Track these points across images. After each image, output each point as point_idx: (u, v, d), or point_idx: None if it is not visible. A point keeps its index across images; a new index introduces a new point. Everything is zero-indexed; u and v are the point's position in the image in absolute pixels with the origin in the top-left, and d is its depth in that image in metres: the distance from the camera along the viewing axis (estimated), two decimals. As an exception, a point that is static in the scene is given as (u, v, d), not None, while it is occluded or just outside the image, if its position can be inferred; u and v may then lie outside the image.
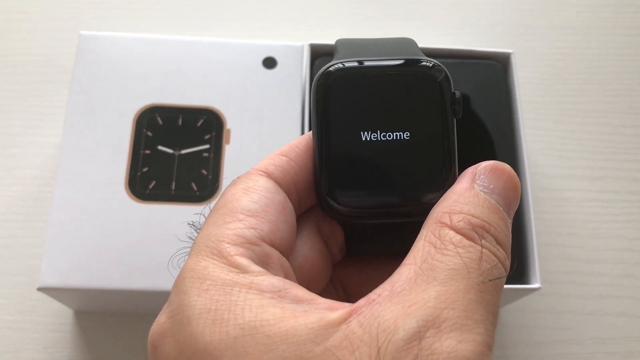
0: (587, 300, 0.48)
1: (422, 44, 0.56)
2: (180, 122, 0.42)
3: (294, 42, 0.46)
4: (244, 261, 0.19)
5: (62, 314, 0.44)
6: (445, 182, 0.22)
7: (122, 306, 0.43)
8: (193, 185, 0.41)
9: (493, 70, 0.46)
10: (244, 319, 0.17)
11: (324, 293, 0.25)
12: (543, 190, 0.52)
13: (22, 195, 0.49)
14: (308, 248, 0.23)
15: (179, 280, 0.19)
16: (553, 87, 0.57)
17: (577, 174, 0.53)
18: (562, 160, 0.53)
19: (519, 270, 0.42)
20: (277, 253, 0.21)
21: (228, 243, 0.20)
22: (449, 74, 0.23)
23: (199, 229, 0.21)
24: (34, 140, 0.51)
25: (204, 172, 0.41)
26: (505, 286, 0.40)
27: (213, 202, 0.25)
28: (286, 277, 0.21)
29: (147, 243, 0.39)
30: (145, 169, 0.41)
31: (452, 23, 0.59)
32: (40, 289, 0.38)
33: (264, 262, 0.20)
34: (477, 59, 0.47)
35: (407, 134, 0.22)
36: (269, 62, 0.45)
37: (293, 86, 0.44)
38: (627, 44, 0.59)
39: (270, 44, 0.45)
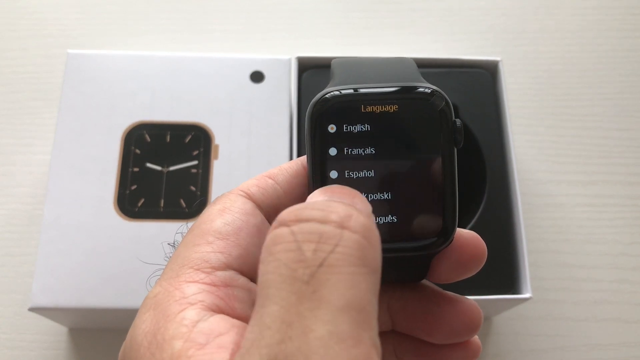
0: (581, 307, 0.48)
1: (413, 52, 0.56)
2: (168, 138, 0.43)
3: (281, 55, 0.46)
4: (194, 294, 0.19)
5: (56, 331, 0.45)
6: (444, 212, 0.21)
7: (116, 323, 0.43)
8: (182, 201, 0.41)
9: (481, 79, 0.46)
10: None
11: None
12: (536, 196, 0.52)
13: (17, 214, 0.49)
14: None
15: (142, 303, 0.20)
16: (545, 91, 0.56)
17: (570, 179, 0.53)
18: (555, 165, 0.53)
19: (509, 279, 0.41)
20: (244, 278, 0.20)
21: (191, 267, 0.19)
22: (449, 100, 0.22)
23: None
24: (27, 157, 0.51)
25: (193, 188, 0.41)
26: (496, 297, 0.40)
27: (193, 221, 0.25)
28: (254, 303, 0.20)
29: (137, 261, 0.39)
30: (134, 187, 0.41)
31: (443, 30, 0.59)
32: (31, 309, 0.38)
33: (229, 287, 0.20)
34: (464, 67, 0.47)
35: (404, 163, 0.21)
36: (257, 76, 0.45)
37: (281, 100, 0.44)
38: (619, 46, 0.59)
39: (257, 58, 0.45)
